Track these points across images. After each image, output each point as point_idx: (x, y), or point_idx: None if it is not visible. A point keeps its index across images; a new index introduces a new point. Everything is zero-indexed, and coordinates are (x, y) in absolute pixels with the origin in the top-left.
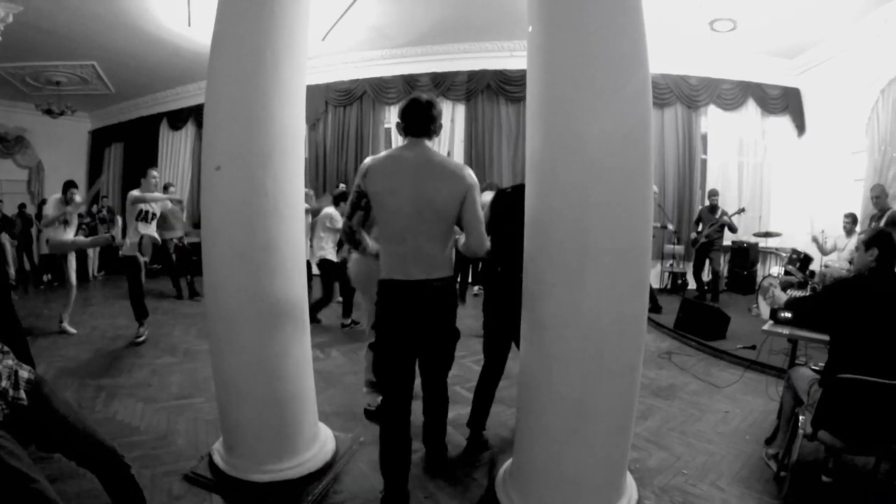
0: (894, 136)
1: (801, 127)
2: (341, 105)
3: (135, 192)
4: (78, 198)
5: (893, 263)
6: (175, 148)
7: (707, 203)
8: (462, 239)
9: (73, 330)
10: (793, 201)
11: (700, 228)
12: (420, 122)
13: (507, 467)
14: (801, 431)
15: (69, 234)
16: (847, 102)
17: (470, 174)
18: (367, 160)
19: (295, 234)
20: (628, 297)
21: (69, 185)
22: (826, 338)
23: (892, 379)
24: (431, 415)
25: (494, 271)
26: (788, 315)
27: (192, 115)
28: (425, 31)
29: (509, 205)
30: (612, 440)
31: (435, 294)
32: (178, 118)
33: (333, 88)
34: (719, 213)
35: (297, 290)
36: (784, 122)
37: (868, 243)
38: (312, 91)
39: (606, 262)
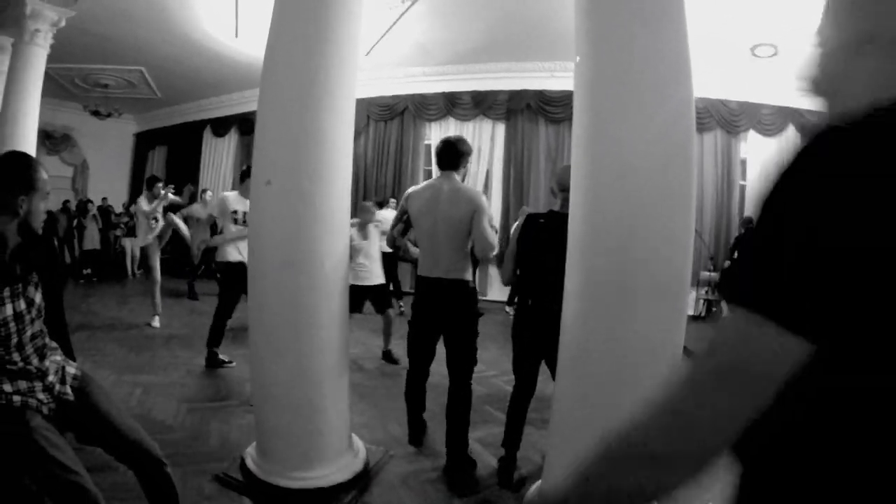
0: None
1: None
2: (382, 119)
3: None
4: (163, 192)
5: None
6: (218, 154)
7: (742, 231)
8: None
9: (157, 324)
10: None
11: (735, 256)
12: (450, 159)
13: (537, 488)
14: None
15: (156, 230)
16: None
17: (481, 199)
18: (410, 189)
19: (339, 247)
20: (666, 329)
21: (154, 180)
22: None
23: None
24: (452, 416)
25: (525, 296)
26: None
27: (236, 124)
28: (467, 50)
29: (544, 231)
30: None
31: (447, 289)
32: (221, 125)
33: (375, 103)
34: None
35: (336, 301)
36: None
37: None
38: (356, 105)
39: (646, 295)
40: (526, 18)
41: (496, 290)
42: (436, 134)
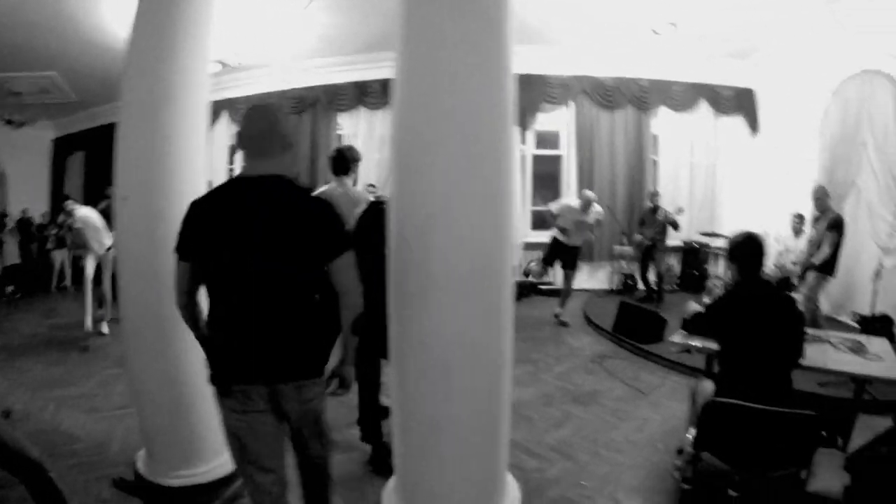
0: (844, 136)
1: (754, 127)
2: (296, 112)
3: None
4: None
5: (757, 269)
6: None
7: (649, 204)
8: None
9: (106, 330)
10: (744, 201)
11: (643, 230)
12: (342, 166)
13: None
14: (687, 450)
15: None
16: (800, 102)
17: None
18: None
19: None
20: (479, 321)
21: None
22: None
23: (770, 399)
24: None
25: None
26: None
27: None
28: (374, 39)
29: (366, 221)
30: (473, 460)
31: None
32: None
33: (288, 96)
34: (661, 213)
35: None
36: (737, 123)
37: (728, 258)
38: (268, 98)
39: (451, 286)
40: None
41: None
42: (348, 124)
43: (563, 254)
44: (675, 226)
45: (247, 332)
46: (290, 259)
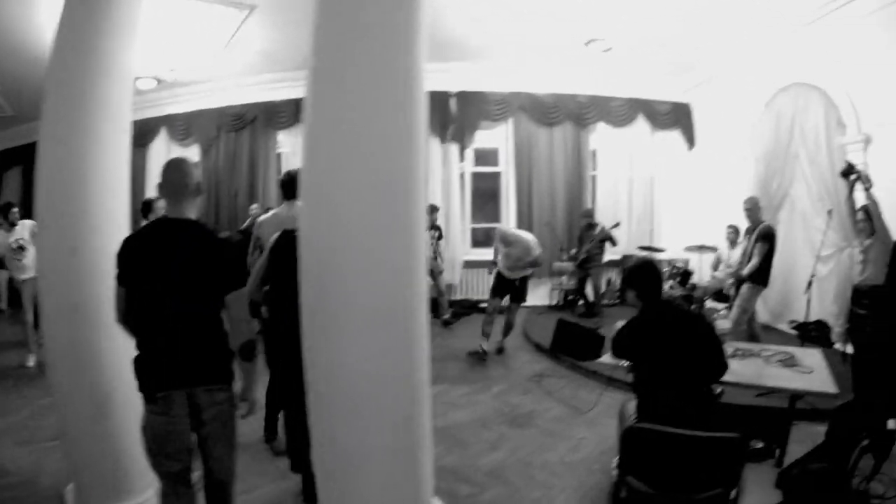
0: (777, 147)
1: (690, 141)
2: (234, 129)
3: None
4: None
5: (657, 293)
6: None
7: (584, 224)
8: None
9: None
10: (682, 214)
11: (581, 246)
12: (293, 189)
13: None
14: (613, 473)
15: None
16: (734, 116)
17: None
18: (260, 217)
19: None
20: (390, 352)
21: (9, 207)
22: None
23: (691, 420)
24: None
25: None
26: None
27: None
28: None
29: (281, 245)
30: (393, 490)
31: None
32: None
33: (226, 113)
34: (597, 229)
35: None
36: (675, 137)
37: (623, 284)
38: (206, 116)
39: (359, 317)
40: None
41: None
42: (288, 142)
43: (511, 288)
44: (613, 241)
45: (166, 349)
46: (197, 291)
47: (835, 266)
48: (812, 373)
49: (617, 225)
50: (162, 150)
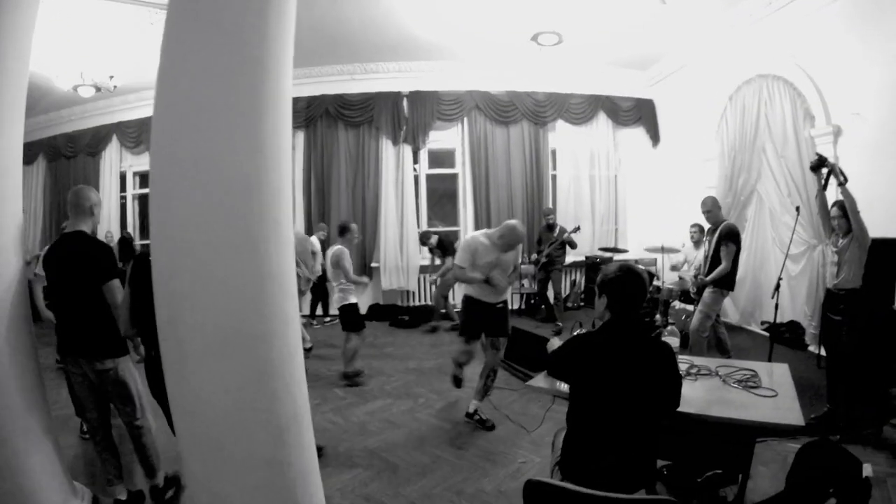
0: (743, 142)
1: (655, 137)
2: None
3: None
4: None
5: (631, 309)
6: (27, 183)
7: (543, 224)
8: None
9: None
10: (647, 213)
11: (540, 249)
12: None
13: None
14: None
15: None
16: (699, 111)
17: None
18: None
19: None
20: (248, 389)
21: None
22: None
23: (613, 477)
24: None
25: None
26: None
27: (42, 150)
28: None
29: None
30: None
31: None
32: (28, 152)
33: None
34: (557, 230)
35: (20, 356)
36: (638, 134)
37: (598, 289)
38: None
39: (208, 349)
40: (318, 24)
41: None
42: None
43: (487, 316)
44: (573, 245)
45: (67, 326)
46: (85, 282)
47: (806, 264)
48: (776, 396)
49: (577, 229)
50: (114, 158)
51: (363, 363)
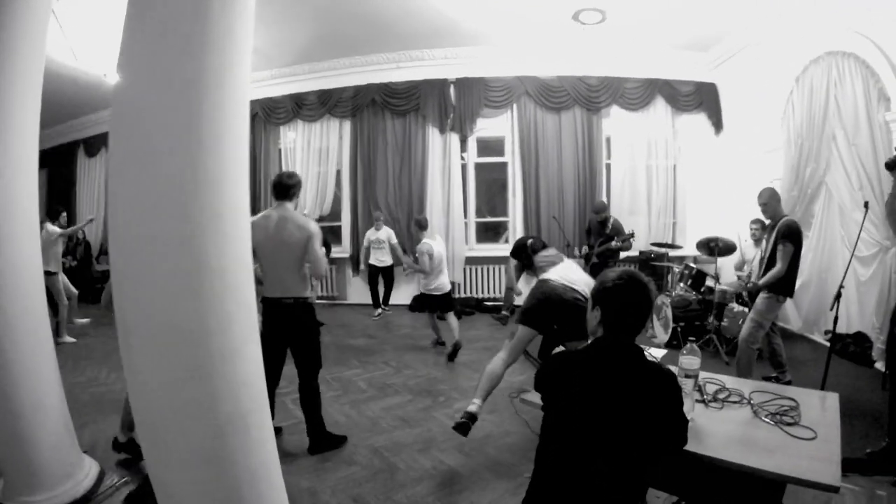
0: (811, 128)
1: (717, 124)
2: None
3: None
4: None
5: (629, 329)
6: (92, 175)
7: (596, 216)
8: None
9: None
10: (708, 206)
11: (591, 242)
12: (282, 191)
13: None
14: None
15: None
16: (763, 95)
17: (312, 225)
18: (251, 218)
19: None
20: (185, 382)
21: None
22: None
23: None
24: (306, 405)
25: None
26: None
27: (104, 143)
28: (309, 49)
29: None
30: None
31: (289, 307)
32: (92, 145)
33: None
34: (610, 225)
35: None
36: (699, 120)
37: (592, 299)
38: None
39: (148, 341)
40: (359, 12)
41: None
42: (289, 137)
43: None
44: (626, 248)
45: None
46: None
47: (878, 268)
48: (815, 439)
49: (631, 236)
50: None
51: (392, 355)
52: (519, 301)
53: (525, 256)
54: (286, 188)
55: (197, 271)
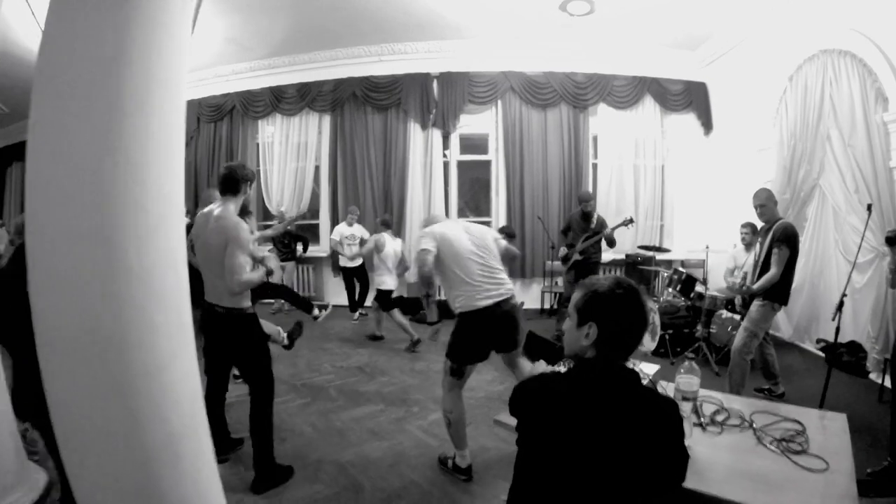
0: (804, 128)
1: (707, 124)
2: (213, 121)
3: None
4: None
5: (625, 346)
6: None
7: (577, 209)
8: None
9: None
10: (697, 208)
11: (570, 241)
12: (228, 185)
13: None
14: None
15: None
16: (755, 94)
17: (237, 231)
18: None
19: None
20: (105, 404)
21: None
22: None
23: None
24: (254, 433)
25: None
26: None
27: None
28: (289, 40)
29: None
30: None
31: (223, 318)
32: None
33: (206, 104)
34: (595, 220)
35: None
36: (689, 120)
37: (581, 313)
38: (186, 107)
39: (65, 354)
40: (339, 3)
41: None
42: (267, 131)
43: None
44: (612, 243)
45: None
46: None
47: (873, 274)
48: (826, 470)
49: (630, 221)
50: None
51: (367, 361)
52: None
53: None
54: (234, 182)
55: (113, 273)
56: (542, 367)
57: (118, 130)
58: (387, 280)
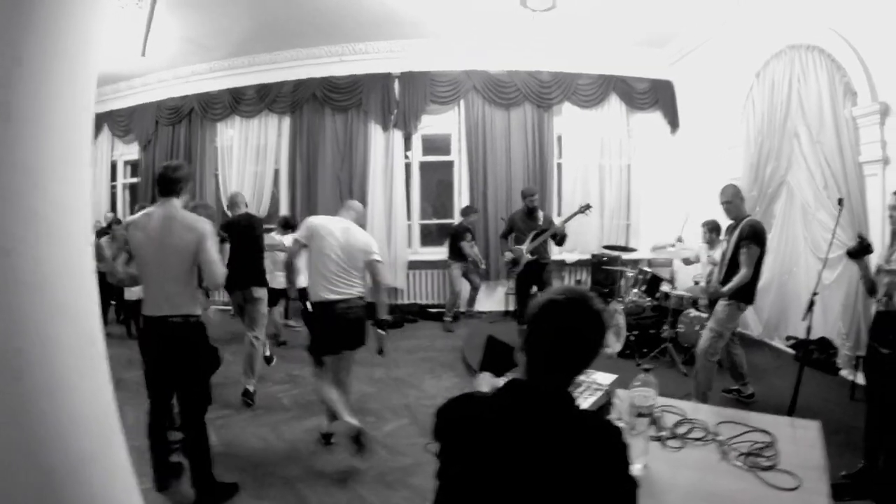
0: (772, 125)
1: (673, 123)
2: (171, 123)
3: None
4: None
5: (563, 364)
6: None
7: (523, 206)
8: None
9: None
10: (663, 207)
11: (512, 243)
12: (166, 185)
13: None
14: None
15: None
16: (722, 91)
17: (205, 225)
18: (130, 217)
19: None
20: (4, 427)
21: None
22: None
23: None
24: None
25: None
26: None
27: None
28: (245, 41)
29: None
30: None
31: (175, 329)
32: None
33: (164, 106)
34: (541, 218)
35: None
36: (655, 119)
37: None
38: (144, 110)
39: None
40: (295, 2)
41: None
42: (226, 134)
43: None
44: (562, 241)
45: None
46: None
47: (843, 271)
48: (798, 489)
49: (587, 208)
50: (105, 148)
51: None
52: None
53: None
54: (171, 182)
55: (5, 286)
56: (486, 380)
57: (3, 130)
58: (278, 277)
